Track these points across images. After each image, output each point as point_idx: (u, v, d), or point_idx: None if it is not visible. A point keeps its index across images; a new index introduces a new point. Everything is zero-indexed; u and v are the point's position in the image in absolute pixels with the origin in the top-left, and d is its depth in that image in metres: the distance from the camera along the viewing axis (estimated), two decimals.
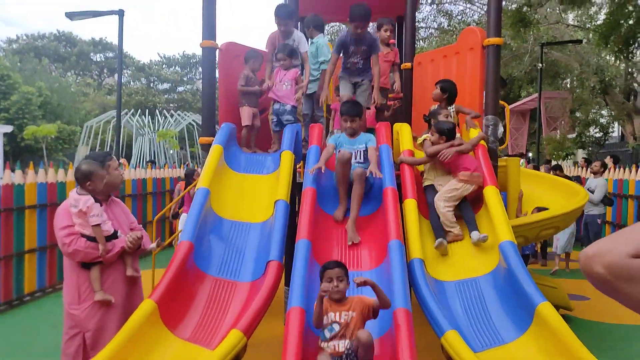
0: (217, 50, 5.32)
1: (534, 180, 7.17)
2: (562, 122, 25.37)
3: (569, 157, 21.73)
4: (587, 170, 11.17)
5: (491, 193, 4.13)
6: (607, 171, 10.64)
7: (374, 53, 5.02)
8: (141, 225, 3.88)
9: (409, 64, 6.14)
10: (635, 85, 19.94)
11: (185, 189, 8.14)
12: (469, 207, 4.29)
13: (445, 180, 4.39)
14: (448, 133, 4.45)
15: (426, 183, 4.54)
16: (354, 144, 4.39)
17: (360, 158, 4.36)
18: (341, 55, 5.14)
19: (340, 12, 7.24)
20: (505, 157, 5.96)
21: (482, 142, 4.67)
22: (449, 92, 4.92)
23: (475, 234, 4.03)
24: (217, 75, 5.57)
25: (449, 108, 4.94)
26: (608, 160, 10.49)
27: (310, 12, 7.15)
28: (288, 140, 4.81)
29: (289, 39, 5.43)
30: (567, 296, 6.02)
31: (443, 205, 4.22)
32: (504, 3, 19.56)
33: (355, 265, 3.85)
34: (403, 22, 6.71)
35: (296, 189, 4.95)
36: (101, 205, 3.44)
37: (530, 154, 26.53)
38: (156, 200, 10.93)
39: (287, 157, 4.59)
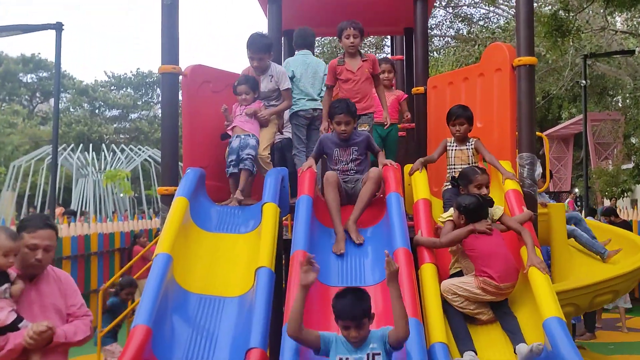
0: (181, 77, 5.37)
1: None
2: (615, 150, 25.68)
3: (626, 194, 21.85)
4: None
5: None
6: None
7: (372, 150, 5.14)
8: (88, 309, 3.71)
9: (421, 88, 6.22)
10: None
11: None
12: (507, 309, 4.06)
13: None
14: (471, 213, 4.20)
15: (453, 270, 4.39)
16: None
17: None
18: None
19: (328, 25, 7.44)
20: (546, 202, 6.00)
21: (517, 186, 4.70)
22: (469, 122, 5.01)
23: (523, 348, 3.66)
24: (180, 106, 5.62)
25: (467, 144, 4.99)
26: None
27: (296, 26, 7.33)
28: (271, 189, 4.81)
29: (265, 75, 5.42)
30: None
31: (453, 299, 4.07)
32: (535, 5, 20.07)
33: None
34: (413, 36, 6.85)
35: (283, 247, 4.94)
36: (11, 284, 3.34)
37: (577, 191, 26.73)
38: (102, 262, 10.82)
39: (270, 210, 4.58)
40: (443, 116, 5.77)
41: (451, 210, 4.39)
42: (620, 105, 24.37)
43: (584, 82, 13.29)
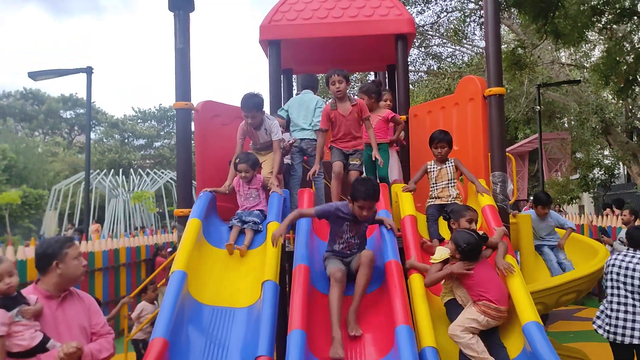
0: (193, 111, 5.16)
1: None
2: (564, 164, 25.57)
3: (574, 201, 21.69)
4: (616, 218, 10.91)
5: None
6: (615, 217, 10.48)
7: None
8: (110, 328, 3.42)
9: (404, 117, 6.00)
10: (638, 123, 20.21)
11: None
12: (498, 340, 3.59)
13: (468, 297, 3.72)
14: (466, 253, 3.68)
15: (445, 299, 3.90)
16: None
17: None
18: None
19: (321, 64, 7.26)
20: (516, 212, 5.78)
21: (492, 201, 4.47)
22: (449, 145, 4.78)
23: None
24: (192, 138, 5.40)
25: (447, 163, 4.76)
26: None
27: (293, 66, 7.14)
28: (275, 209, 4.57)
29: (260, 130, 5.13)
30: None
31: (461, 336, 3.52)
32: None
33: (357, 356, 3.53)
34: (394, 71, 6.65)
35: (286, 259, 4.68)
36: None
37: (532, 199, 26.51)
38: (130, 272, 10.50)
39: (274, 229, 4.33)
40: (424, 140, 5.57)
41: (441, 251, 3.85)
42: (566, 126, 24.34)
43: (538, 107, 13.15)
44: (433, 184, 4.75)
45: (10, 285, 2.98)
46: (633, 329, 4.65)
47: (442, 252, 3.83)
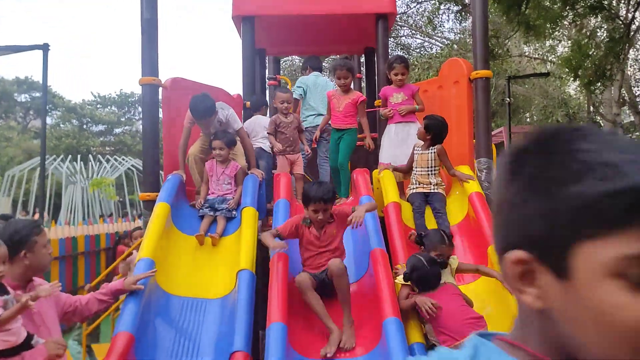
0: (161, 88, 4.79)
1: None
2: None
3: None
4: None
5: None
6: None
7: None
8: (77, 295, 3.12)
9: (379, 102, 5.75)
10: (599, 118, 20.63)
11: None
12: None
13: None
14: (417, 282, 3.33)
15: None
16: None
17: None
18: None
19: (297, 44, 6.97)
20: None
21: (479, 188, 4.29)
22: (433, 132, 4.49)
23: None
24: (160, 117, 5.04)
25: (430, 149, 4.52)
26: None
27: (267, 45, 6.83)
28: (250, 194, 4.28)
29: (213, 125, 4.58)
30: None
31: None
32: (464, 35, 20.06)
33: (340, 351, 3.29)
34: (372, 55, 6.41)
35: (260, 249, 4.38)
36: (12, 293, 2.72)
37: None
38: (89, 261, 10.01)
39: (250, 214, 4.05)
40: None
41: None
42: (528, 120, 24.69)
43: (508, 99, 13.16)
44: (415, 167, 4.53)
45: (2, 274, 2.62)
46: None
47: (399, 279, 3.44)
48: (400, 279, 3.46)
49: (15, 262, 2.75)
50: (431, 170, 4.48)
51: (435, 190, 4.46)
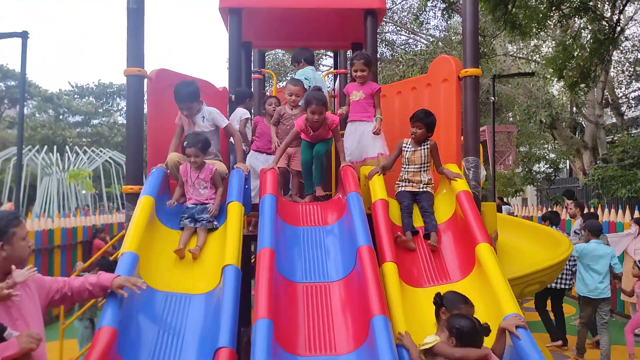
0: (146, 80, 4.73)
1: (508, 226, 6.94)
2: (509, 158, 26.22)
3: (518, 194, 22.31)
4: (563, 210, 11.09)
5: (486, 253, 3.72)
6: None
7: None
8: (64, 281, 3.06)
9: None
10: (582, 119, 20.92)
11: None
12: None
13: None
14: (470, 340, 2.99)
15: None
16: None
17: None
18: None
19: (283, 38, 6.93)
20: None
21: (467, 187, 4.32)
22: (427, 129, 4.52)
23: None
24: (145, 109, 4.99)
25: (423, 145, 4.54)
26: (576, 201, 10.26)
27: (254, 39, 6.78)
28: (235, 189, 4.25)
29: (198, 116, 4.60)
30: None
31: None
32: (452, 31, 20.17)
33: (328, 348, 3.30)
34: (362, 49, 6.40)
35: (246, 242, 4.36)
36: None
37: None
38: (65, 255, 9.87)
39: (235, 209, 4.03)
40: (393, 122, 5.40)
41: (431, 338, 3.12)
42: (511, 120, 24.91)
43: (493, 98, 13.26)
44: (405, 165, 4.55)
45: None
46: None
47: (433, 339, 3.10)
48: (429, 340, 3.10)
49: None
50: (423, 167, 4.51)
51: (424, 190, 4.48)
